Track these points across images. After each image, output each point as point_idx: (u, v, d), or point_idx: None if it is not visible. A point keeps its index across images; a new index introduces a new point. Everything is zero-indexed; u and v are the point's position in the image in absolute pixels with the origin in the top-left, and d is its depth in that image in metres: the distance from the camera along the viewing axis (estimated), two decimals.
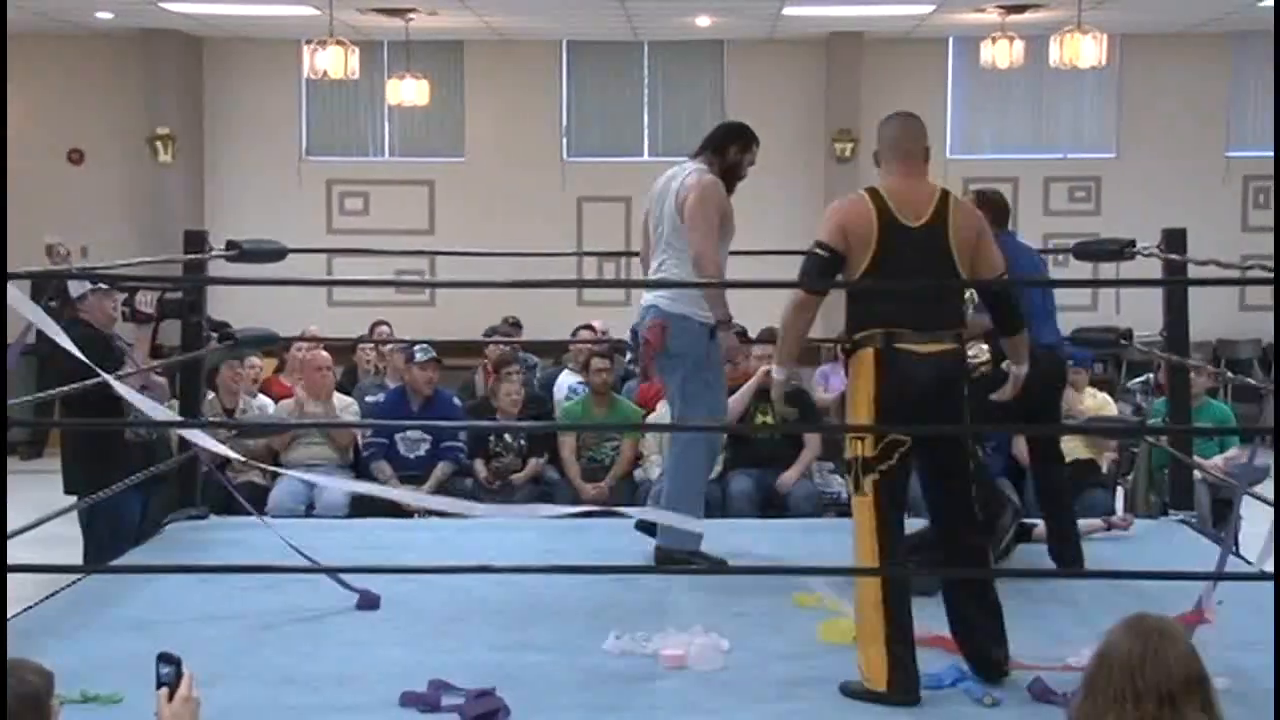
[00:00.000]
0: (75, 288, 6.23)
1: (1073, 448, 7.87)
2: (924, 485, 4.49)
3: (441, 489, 7.69)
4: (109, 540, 6.33)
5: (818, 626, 4.89)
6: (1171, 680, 2.70)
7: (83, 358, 4.76)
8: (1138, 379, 8.90)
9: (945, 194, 4.38)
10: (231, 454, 5.85)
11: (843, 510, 7.66)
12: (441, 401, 8.12)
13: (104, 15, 13.10)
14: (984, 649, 4.40)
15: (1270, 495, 5.39)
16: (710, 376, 5.76)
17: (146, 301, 6.06)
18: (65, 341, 4.62)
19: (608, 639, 4.75)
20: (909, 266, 4.27)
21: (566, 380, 9.21)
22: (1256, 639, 4.67)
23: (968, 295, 4.82)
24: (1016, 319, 4.64)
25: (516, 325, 11.40)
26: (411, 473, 7.93)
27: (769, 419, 7.73)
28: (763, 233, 13.73)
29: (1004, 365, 5.00)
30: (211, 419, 7.64)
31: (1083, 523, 6.34)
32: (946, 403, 4.32)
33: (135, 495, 6.38)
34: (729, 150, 5.84)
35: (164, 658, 2.76)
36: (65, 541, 7.08)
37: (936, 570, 4.62)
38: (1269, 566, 4.86)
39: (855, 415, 4.37)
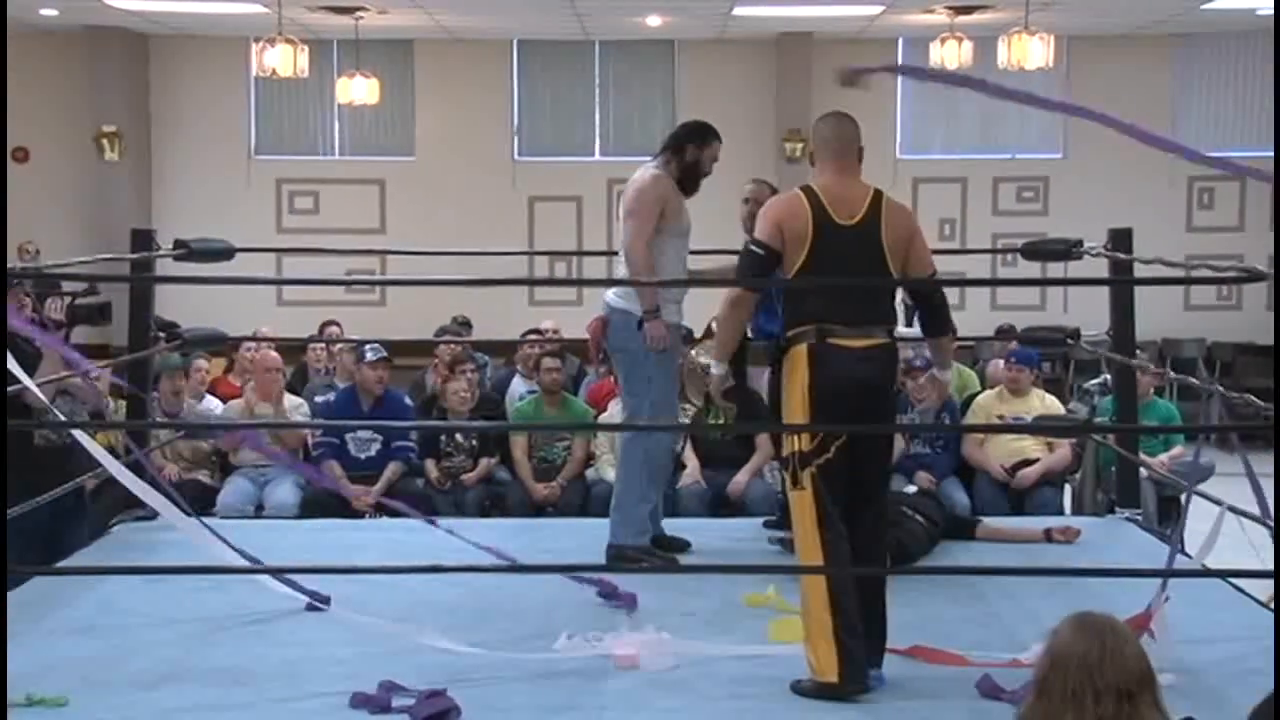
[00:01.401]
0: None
1: (1022, 447, 7.94)
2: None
3: (392, 489, 7.64)
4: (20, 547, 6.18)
5: (768, 626, 4.91)
6: (1130, 677, 2.72)
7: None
8: (1094, 380, 8.96)
9: (878, 194, 4.44)
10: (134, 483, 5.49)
11: None
12: (392, 401, 8.07)
13: (48, 12, 12.97)
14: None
15: (1216, 494, 5.44)
16: (651, 371, 5.72)
17: (56, 308, 5.89)
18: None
19: (559, 639, 4.74)
20: (842, 264, 4.34)
21: (518, 387, 9.16)
22: (1201, 635, 4.73)
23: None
24: (943, 321, 4.72)
25: (467, 325, 11.37)
26: (362, 473, 7.88)
27: (718, 419, 7.75)
28: (712, 232, 13.77)
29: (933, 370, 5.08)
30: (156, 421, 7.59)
31: (1024, 531, 6.41)
32: (878, 396, 4.43)
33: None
34: (686, 149, 5.85)
35: None
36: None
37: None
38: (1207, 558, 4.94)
39: (790, 410, 4.42)
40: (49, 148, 14.25)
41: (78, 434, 4.94)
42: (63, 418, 5.44)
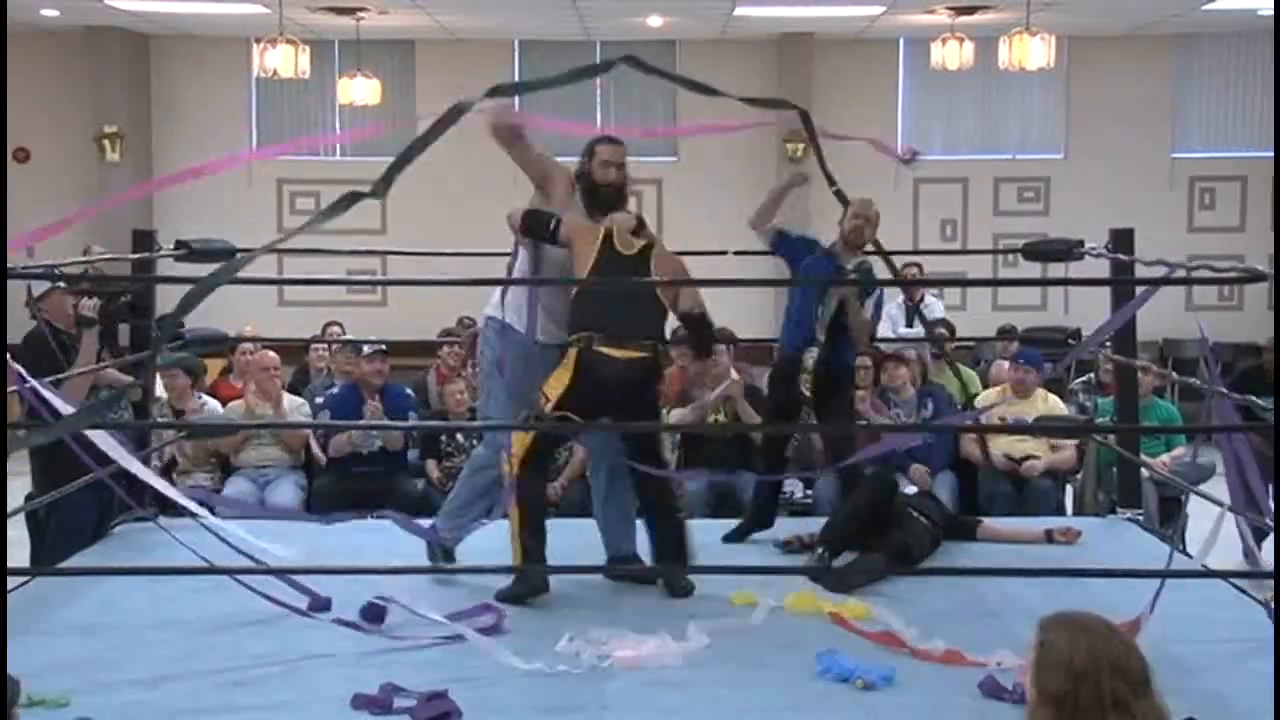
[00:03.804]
0: (39, 285, 6.18)
1: (1024, 448, 7.94)
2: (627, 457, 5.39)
3: (393, 494, 7.68)
4: (60, 541, 6.26)
5: (785, 597, 5.14)
6: (1137, 676, 2.70)
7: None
8: (1080, 378, 8.98)
9: (651, 244, 5.42)
10: (156, 481, 5.43)
11: (795, 510, 7.71)
12: (393, 395, 8.08)
13: (49, 13, 12.98)
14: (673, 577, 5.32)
15: (1217, 494, 5.44)
16: (494, 384, 5.70)
17: (90, 306, 6.01)
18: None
19: (561, 640, 4.74)
20: (618, 287, 5.24)
21: None
22: (1201, 636, 4.74)
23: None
24: (708, 344, 5.80)
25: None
26: (363, 468, 7.89)
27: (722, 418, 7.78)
28: (713, 233, 13.78)
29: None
30: (160, 420, 7.60)
31: (1024, 531, 6.41)
32: (636, 396, 5.26)
33: (90, 496, 6.25)
34: (581, 164, 5.79)
35: None
36: (12, 543, 7.02)
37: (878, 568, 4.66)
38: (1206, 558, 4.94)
39: (546, 396, 5.22)
40: (50, 148, 14.25)
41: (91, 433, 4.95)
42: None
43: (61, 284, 6.16)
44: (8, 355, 5.17)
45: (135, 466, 5.00)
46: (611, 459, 5.61)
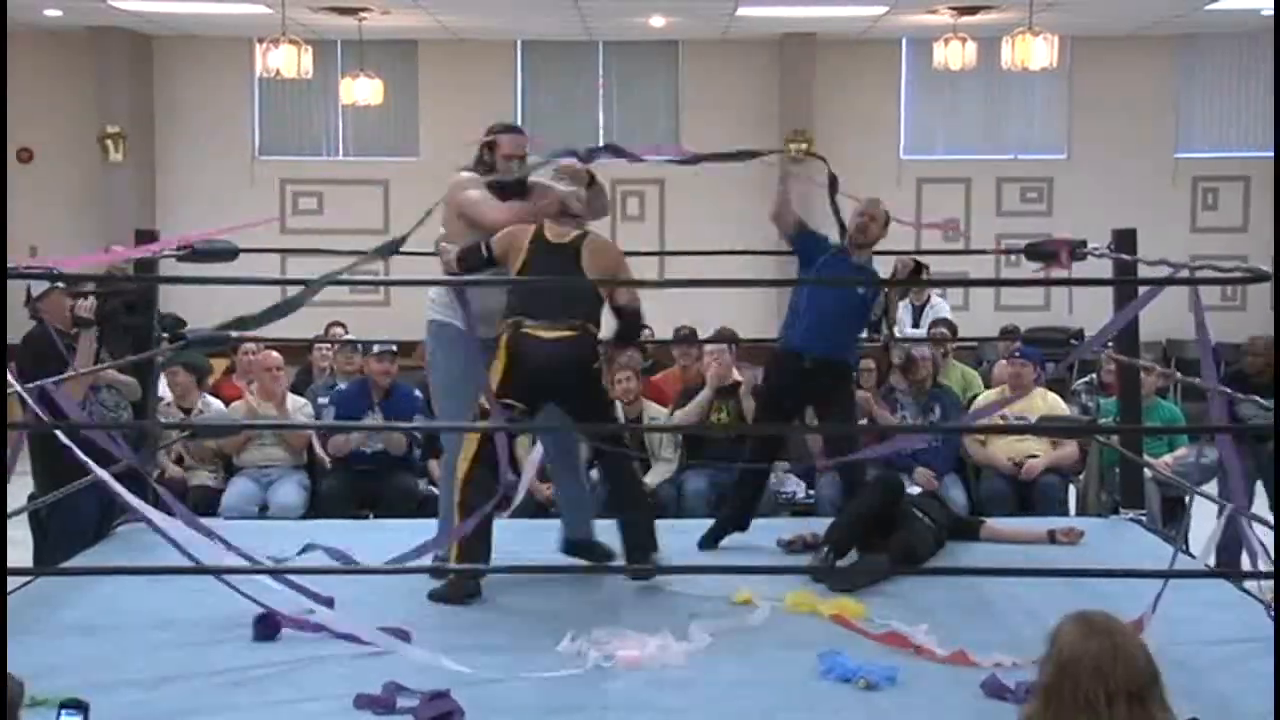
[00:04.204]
0: (38, 286, 6.16)
1: (1025, 447, 7.92)
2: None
3: (392, 490, 7.67)
4: (63, 541, 6.26)
5: (784, 596, 5.16)
6: (1139, 677, 2.69)
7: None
8: (1082, 379, 8.96)
9: (585, 234, 5.45)
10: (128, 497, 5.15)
11: (797, 510, 7.71)
12: (401, 395, 8.07)
13: (52, 13, 12.98)
14: (636, 548, 5.45)
15: (1218, 494, 5.44)
16: (438, 374, 5.76)
17: (87, 307, 5.97)
18: None
19: (563, 640, 4.74)
20: (546, 272, 5.34)
21: None
22: (1204, 636, 4.73)
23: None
24: (634, 337, 5.87)
25: None
26: (366, 465, 7.89)
27: (725, 418, 7.77)
28: (717, 232, 13.80)
29: None
30: (165, 420, 7.60)
31: (1027, 532, 6.40)
32: (572, 375, 5.36)
33: (91, 497, 6.22)
34: (483, 153, 5.76)
35: (69, 705, 2.56)
36: (14, 543, 7.01)
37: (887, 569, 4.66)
38: (1211, 561, 4.93)
39: (490, 381, 5.34)
40: (53, 148, 14.26)
41: (63, 438, 4.93)
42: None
43: (60, 284, 6.14)
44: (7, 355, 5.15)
45: (102, 473, 4.96)
46: (556, 443, 5.79)
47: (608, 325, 5.65)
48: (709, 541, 6.23)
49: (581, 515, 5.81)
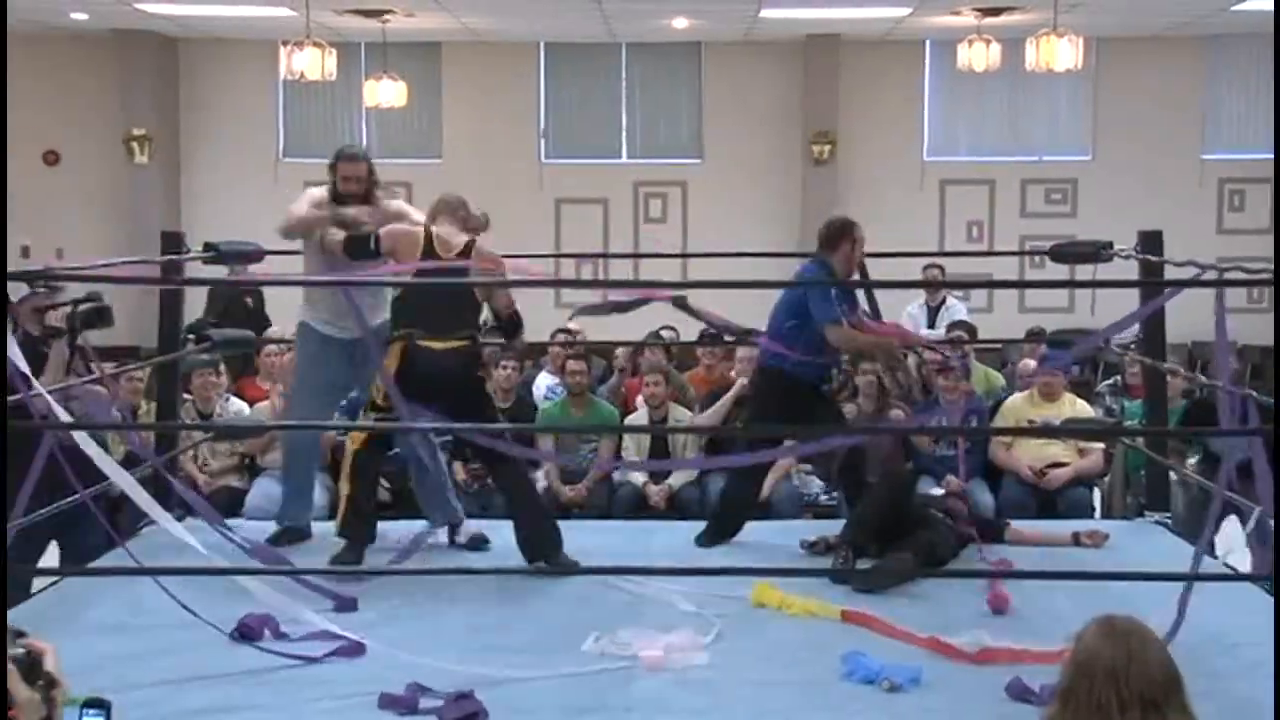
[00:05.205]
0: (15, 291, 6.02)
1: (1052, 452, 7.89)
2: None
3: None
4: (74, 561, 6.17)
5: (752, 591, 5.22)
6: (1155, 684, 2.68)
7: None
8: (1106, 381, 8.92)
9: (472, 242, 5.86)
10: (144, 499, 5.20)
11: (820, 512, 7.70)
12: None
13: (78, 16, 13.05)
14: (539, 546, 5.66)
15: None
16: (299, 375, 6.39)
17: (58, 316, 5.79)
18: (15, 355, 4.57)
19: (586, 640, 4.74)
20: (436, 288, 5.74)
21: (545, 381, 9.20)
22: (1230, 639, 4.70)
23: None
24: (516, 335, 6.19)
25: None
26: (390, 469, 7.88)
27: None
28: (739, 234, 13.79)
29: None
30: (187, 423, 7.63)
31: (1051, 534, 6.38)
32: (460, 383, 5.77)
33: (93, 513, 6.00)
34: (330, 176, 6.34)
35: (92, 704, 2.53)
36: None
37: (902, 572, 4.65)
38: (1235, 562, 4.90)
39: (378, 388, 5.77)
40: (79, 150, 14.34)
41: (80, 439, 4.92)
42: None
43: (41, 290, 5.97)
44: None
45: (123, 478, 4.97)
46: (420, 440, 6.18)
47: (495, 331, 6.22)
48: (709, 539, 6.31)
49: (443, 503, 6.31)
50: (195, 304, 10.85)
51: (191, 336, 7.04)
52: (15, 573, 5.51)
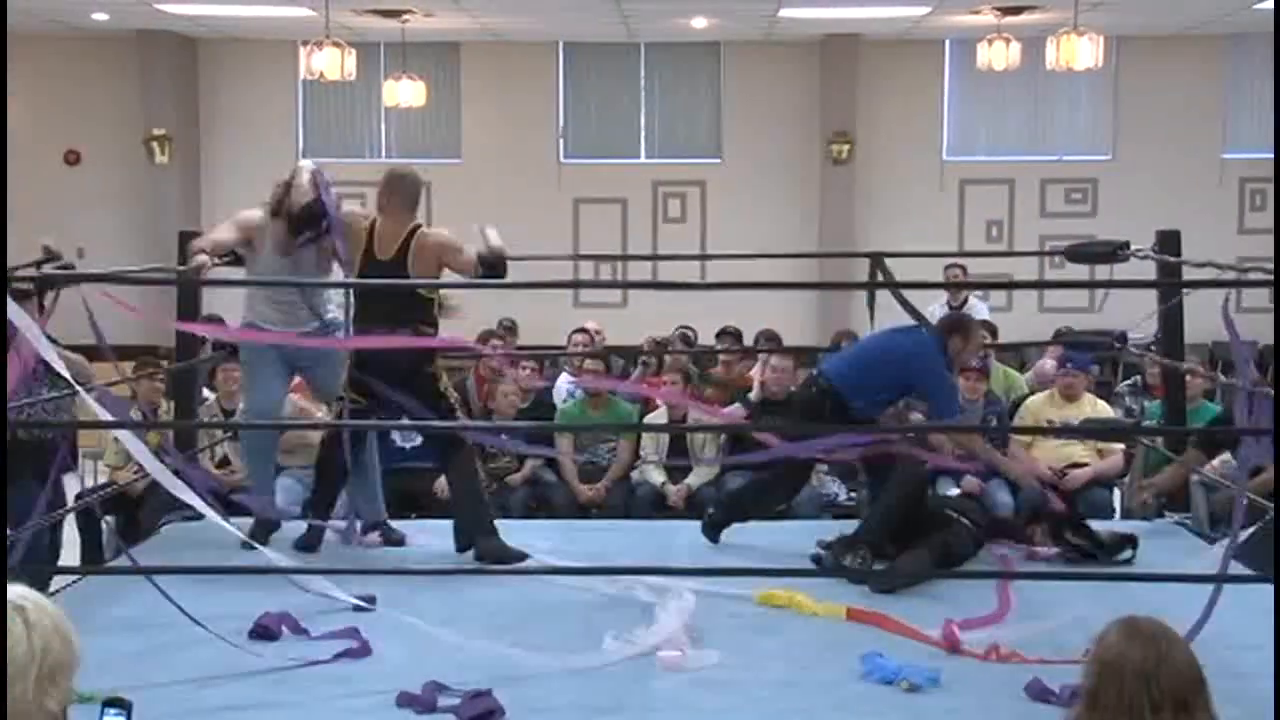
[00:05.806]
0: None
1: (1071, 453, 7.86)
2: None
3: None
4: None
5: (756, 594, 5.22)
6: (1185, 684, 2.67)
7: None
8: (1126, 381, 8.88)
9: (414, 230, 6.00)
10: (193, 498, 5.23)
11: (840, 513, 7.69)
12: None
13: (100, 16, 13.10)
14: (468, 532, 5.90)
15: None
16: (247, 377, 6.54)
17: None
18: (48, 352, 4.57)
19: (604, 640, 4.74)
20: (378, 287, 5.91)
21: (564, 382, 9.21)
22: (1251, 640, 4.68)
23: None
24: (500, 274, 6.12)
25: (511, 329, 11.39)
26: (404, 463, 7.91)
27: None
28: (758, 234, 13.79)
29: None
30: (209, 420, 7.65)
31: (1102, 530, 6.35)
32: (410, 370, 5.92)
33: (24, 492, 5.71)
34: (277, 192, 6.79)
35: (112, 703, 2.53)
36: (65, 542, 7.10)
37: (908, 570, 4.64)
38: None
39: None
40: (100, 151, 14.40)
41: (126, 437, 4.94)
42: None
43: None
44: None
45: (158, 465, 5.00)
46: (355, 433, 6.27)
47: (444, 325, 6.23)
48: (710, 531, 6.33)
49: (371, 495, 6.45)
50: (213, 303, 10.88)
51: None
52: (34, 571, 5.52)
